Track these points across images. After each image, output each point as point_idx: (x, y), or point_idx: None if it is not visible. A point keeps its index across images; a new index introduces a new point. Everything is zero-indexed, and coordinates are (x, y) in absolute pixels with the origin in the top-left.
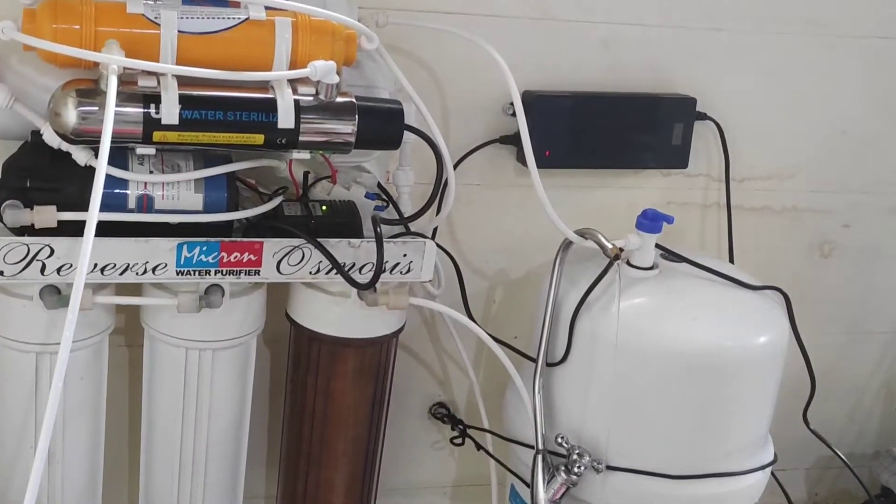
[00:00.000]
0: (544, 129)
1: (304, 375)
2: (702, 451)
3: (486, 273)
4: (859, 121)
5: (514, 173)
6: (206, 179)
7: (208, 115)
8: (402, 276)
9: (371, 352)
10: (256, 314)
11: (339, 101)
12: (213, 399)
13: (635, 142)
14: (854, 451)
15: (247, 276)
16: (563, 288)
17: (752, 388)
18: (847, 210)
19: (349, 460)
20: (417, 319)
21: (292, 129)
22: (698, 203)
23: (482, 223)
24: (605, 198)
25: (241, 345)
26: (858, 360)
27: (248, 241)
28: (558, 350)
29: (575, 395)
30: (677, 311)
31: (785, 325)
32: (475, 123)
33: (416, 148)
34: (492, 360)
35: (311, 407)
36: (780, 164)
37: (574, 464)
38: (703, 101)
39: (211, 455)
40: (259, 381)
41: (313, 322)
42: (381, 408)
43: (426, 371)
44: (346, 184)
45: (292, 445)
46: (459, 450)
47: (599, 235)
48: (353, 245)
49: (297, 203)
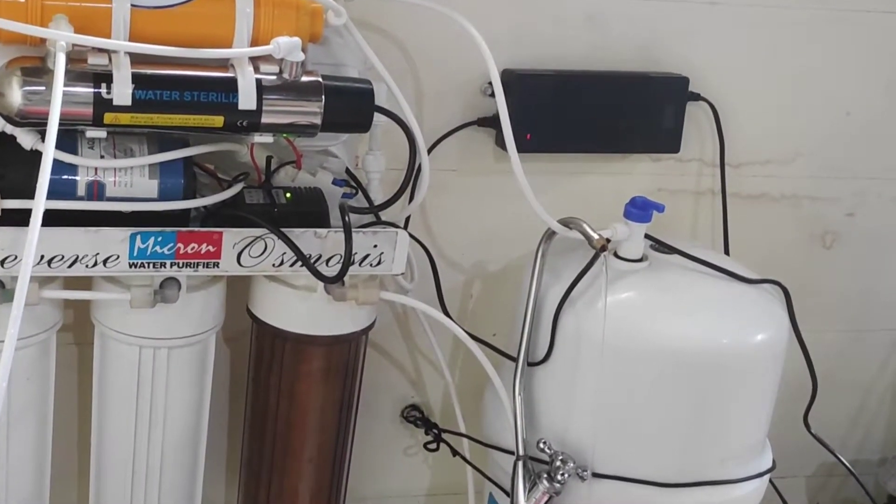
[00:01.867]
0: (525, 110)
1: (266, 376)
2: (695, 457)
3: (462, 265)
4: (864, 101)
5: (493, 158)
6: (161, 165)
7: (163, 95)
8: (372, 268)
9: (339, 350)
10: (215, 310)
11: (304, 80)
12: (168, 401)
13: (623, 124)
14: (859, 457)
15: (205, 268)
16: (546, 282)
17: (749, 389)
18: (851, 197)
19: (315, 467)
20: (389, 315)
21: (254, 110)
22: (691, 190)
23: (458, 212)
24: (591, 184)
25: (198, 343)
26: (863, 360)
27: (207, 230)
28: (540, 348)
29: (558, 396)
30: (668, 306)
31: (784, 321)
32: (451, 105)
33: (387, 131)
34: (469, 360)
35: (274, 410)
36: (778, 148)
37: (557, 471)
38: (696, 81)
39: (166, 461)
40: (218, 382)
41: (276, 318)
42: (350, 411)
43: (398, 371)
44: (311, 169)
45: (254, 451)
46: (434, 456)
47: (585, 225)
48: (320, 235)
49: (259, 190)
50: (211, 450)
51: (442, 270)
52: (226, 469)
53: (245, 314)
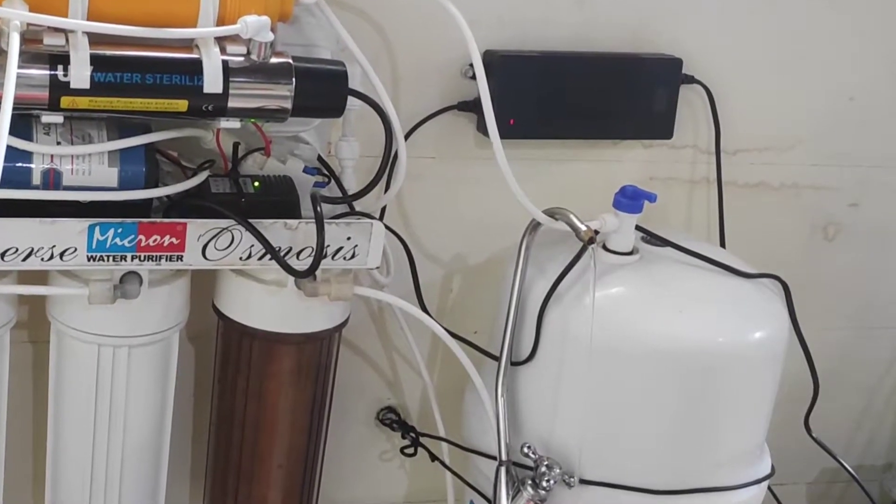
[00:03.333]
0: (508, 94)
1: (233, 376)
2: (689, 462)
3: (441, 259)
4: (868, 85)
5: (474, 144)
6: (122, 152)
7: (124, 77)
8: (345, 262)
9: (310, 349)
10: (179, 306)
11: (273, 62)
12: (129, 403)
13: (612, 109)
14: (863, 462)
15: (168, 262)
16: (530, 276)
17: (747, 390)
18: (854, 187)
19: (285, 473)
20: (363, 312)
21: (220, 93)
22: (685, 178)
23: (437, 202)
24: (578, 173)
25: (161, 341)
26: (868, 359)
27: (170, 222)
28: (524, 347)
29: (543, 398)
30: (660, 302)
31: (784, 318)
32: (429, 88)
33: (361, 116)
34: (448, 359)
35: (241, 412)
36: (778, 134)
37: (542, 477)
38: (689, 63)
39: (127, 466)
40: (182, 383)
41: (244, 315)
42: (322, 413)
43: (373, 371)
44: (281, 157)
45: (220, 456)
46: (411, 461)
47: (571, 216)
48: (290, 227)
49: (225, 179)
50: (174, 455)
51: (420, 264)
52: (190, 476)
53: (210, 311)
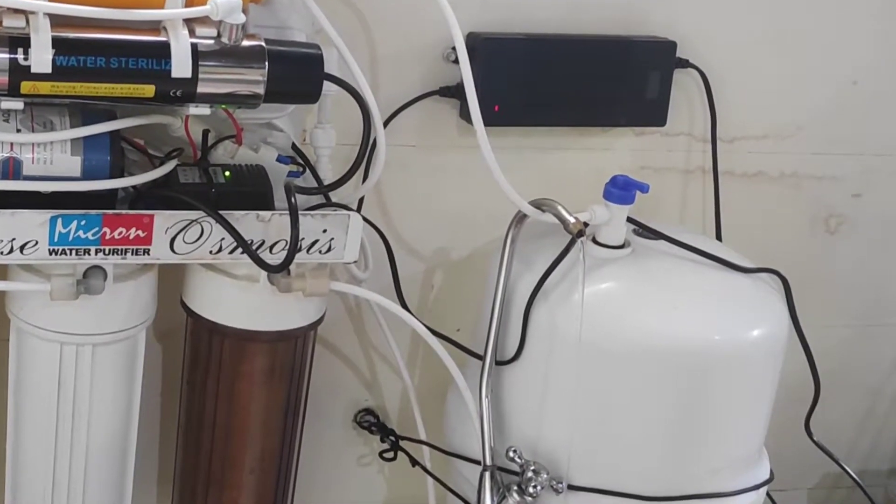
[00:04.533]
0: (493, 79)
1: (203, 376)
2: (683, 467)
3: (422, 253)
4: (873, 69)
5: (457, 132)
6: (85, 139)
7: (88, 61)
8: (321, 256)
9: (284, 348)
10: (145, 302)
11: (245, 45)
12: (92, 404)
13: (603, 94)
14: (867, 467)
15: (134, 255)
16: (516, 271)
17: (744, 391)
18: (858, 176)
19: (257, 479)
20: (340, 309)
21: (189, 78)
22: (679, 168)
23: (418, 192)
24: (567, 162)
25: (127, 339)
26: (872, 358)
27: (136, 213)
28: (510, 346)
29: (530, 399)
30: (653, 298)
31: (784, 315)
32: (409, 72)
33: (338, 102)
34: (429, 358)
35: (211, 414)
36: (777, 120)
37: (529, 483)
38: (684, 46)
39: (91, 471)
40: (149, 383)
41: (214, 312)
42: (296, 416)
43: (350, 371)
44: (253, 145)
45: (189, 460)
46: (391, 466)
47: (559, 207)
48: (263, 219)
49: (194, 168)
50: (140, 459)
51: (399, 258)
52: (157, 481)
53: (179, 307)
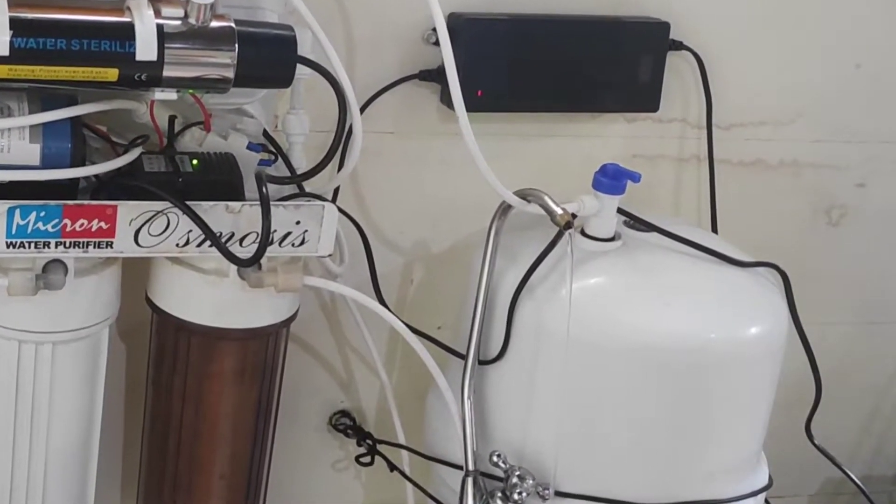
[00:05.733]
0: (476, 62)
1: (169, 376)
2: (676, 472)
3: (401, 246)
4: (877, 51)
5: (438, 118)
6: (45, 126)
7: (47, 43)
8: (294, 249)
9: (255, 346)
10: (108, 298)
11: (213, 25)
12: (53, 406)
13: (592, 78)
14: (871, 472)
15: (96, 248)
16: (500, 265)
17: (741, 392)
18: (862, 165)
19: (227, 485)
20: (314, 305)
21: (154, 61)
22: (672, 156)
23: (397, 182)
24: (554, 150)
25: (88, 337)
26: (876, 357)
27: (98, 204)
28: (494, 344)
29: (515, 401)
30: (645, 294)
31: (783, 312)
32: (387, 55)
33: (312, 86)
34: (409, 357)
35: (178, 416)
36: (776, 106)
37: (514, 489)
38: (678, 27)
39: (50, 476)
40: (112, 383)
41: (181, 308)
42: (268, 418)
43: (325, 371)
44: (223, 132)
45: (154, 465)
46: (367, 471)
47: (546, 198)
48: (232, 210)
49: (160, 156)
50: (103, 464)
51: (377, 251)
52: (121, 487)
53: (144, 303)
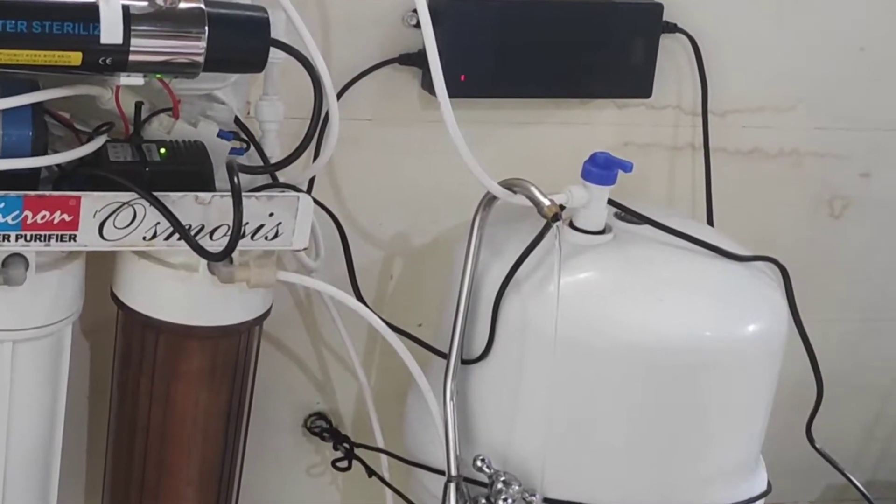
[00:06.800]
0: (459, 45)
1: (135, 376)
2: (670, 478)
3: (380, 239)
4: (881, 34)
5: (419, 104)
6: (4, 113)
7: (7, 26)
8: (267, 242)
9: (226, 345)
10: (72, 294)
11: (182, 7)
12: (13, 407)
13: (581, 63)
14: (875, 477)
15: (59, 242)
16: (485, 259)
17: (739, 393)
18: (865, 154)
19: (196, 491)
20: (289, 301)
21: (120, 44)
22: (666, 144)
23: (375, 172)
24: (541, 137)
25: (51, 335)
26: (880, 357)
27: (61, 195)
28: (478, 342)
29: (500, 402)
30: (637, 290)
31: (782, 308)
32: (366, 38)
33: (286, 71)
34: (388, 356)
35: (145, 418)
36: (775, 91)
37: (499, 495)
38: (671, 9)
39: (10, 482)
40: (76, 384)
41: (148, 305)
42: (240, 420)
43: (300, 371)
44: (192, 119)
45: (120, 470)
46: (345, 476)
47: (533, 188)
48: (202, 201)
49: (126, 145)
50: (66, 469)
51: (354, 245)
52: (85, 493)
53: (109, 300)
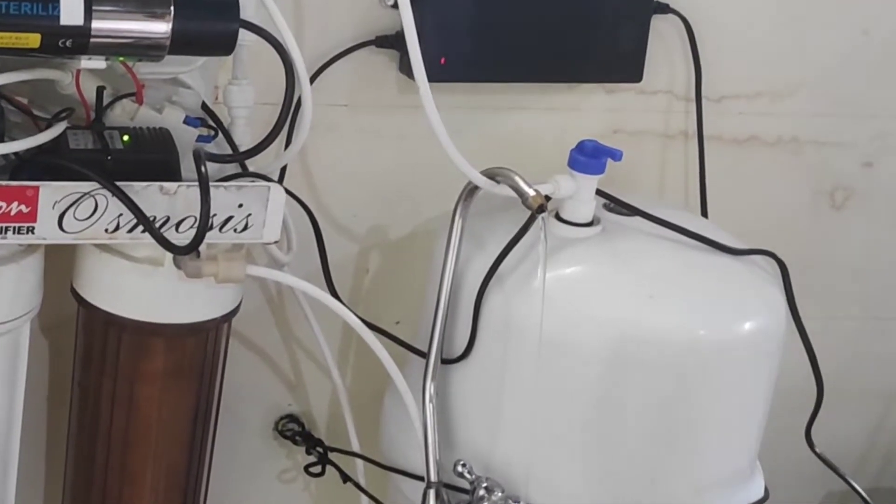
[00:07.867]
0: (439, 26)
1: (97, 376)
2: (661, 485)
3: (355, 231)
4: (886, 17)
5: (397, 89)
6: None
7: None
8: (236, 235)
9: (192, 343)
10: (30, 290)
11: None
12: None
13: (568, 45)
14: (878, 483)
15: (16, 234)
16: (466, 252)
17: (734, 395)
18: (868, 142)
19: (161, 497)
20: (259, 297)
21: (80, 25)
22: (658, 132)
23: (351, 160)
24: (526, 124)
25: (8, 332)
26: (883, 356)
27: (18, 185)
28: (459, 341)
29: (482, 404)
30: (627, 285)
31: (781, 305)
32: (341, 19)
33: (256, 54)
34: (364, 356)
35: (107, 421)
36: (773, 76)
37: (481, 502)
38: None
39: None
40: (34, 384)
41: (110, 301)
42: (207, 423)
43: (271, 371)
44: (157, 104)
45: (81, 476)
46: (318, 482)
47: (517, 178)
48: (168, 191)
49: (87, 132)
50: (24, 474)
51: (328, 237)
52: (43, 497)
53: (69, 295)
